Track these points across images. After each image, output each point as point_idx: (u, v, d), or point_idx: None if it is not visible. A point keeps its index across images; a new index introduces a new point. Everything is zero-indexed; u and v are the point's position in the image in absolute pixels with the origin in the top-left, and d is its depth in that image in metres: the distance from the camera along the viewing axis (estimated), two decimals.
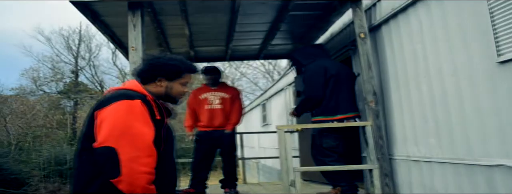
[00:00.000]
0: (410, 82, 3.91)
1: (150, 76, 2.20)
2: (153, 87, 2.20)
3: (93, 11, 4.49)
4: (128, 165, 1.81)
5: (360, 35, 4.37)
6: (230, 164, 5.54)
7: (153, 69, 2.19)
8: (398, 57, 4.13)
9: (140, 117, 1.94)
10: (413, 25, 3.84)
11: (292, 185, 3.95)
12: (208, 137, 5.34)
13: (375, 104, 4.21)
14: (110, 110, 1.93)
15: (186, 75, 2.26)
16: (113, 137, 1.85)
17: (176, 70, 2.21)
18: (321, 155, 4.47)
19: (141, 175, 1.83)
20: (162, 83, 2.20)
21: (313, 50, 4.95)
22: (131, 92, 2.06)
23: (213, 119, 5.34)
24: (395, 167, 4.21)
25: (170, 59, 2.23)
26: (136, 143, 1.86)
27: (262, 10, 4.95)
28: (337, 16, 5.29)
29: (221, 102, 5.38)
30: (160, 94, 2.21)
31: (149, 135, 1.92)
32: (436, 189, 3.53)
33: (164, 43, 6.02)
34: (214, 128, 5.34)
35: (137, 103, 1.96)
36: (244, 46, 6.60)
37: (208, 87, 5.48)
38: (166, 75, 2.20)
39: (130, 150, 1.83)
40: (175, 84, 2.24)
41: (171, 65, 2.20)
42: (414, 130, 3.88)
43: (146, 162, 1.86)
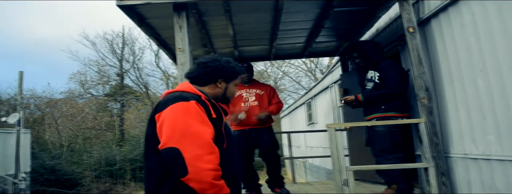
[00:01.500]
0: (464, 77, 3.75)
1: (210, 79, 2.30)
2: (211, 88, 2.31)
3: (139, 14, 4.55)
4: (193, 163, 1.88)
5: (409, 29, 4.24)
6: (274, 163, 5.33)
7: (215, 72, 2.29)
8: (451, 51, 3.97)
9: (197, 117, 2.01)
10: (465, 18, 3.68)
11: (345, 184, 3.87)
12: (245, 136, 5.20)
13: (428, 100, 4.06)
14: (168, 112, 2.02)
15: (239, 77, 2.41)
16: (175, 137, 1.93)
17: (234, 72, 2.35)
18: (388, 152, 4.39)
19: (206, 172, 1.89)
20: (222, 85, 2.33)
21: (378, 48, 4.92)
22: (185, 94, 2.14)
23: (250, 116, 5.18)
24: (451, 165, 4.05)
25: (228, 62, 2.34)
26: (197, 142, 1.93)
27: (306, 7, 4.89)
28: (383, 11, 5.17)
29: (256, 98, 5.29)
30: (217, 95, 2.33)
31: (208, 132, 1.99)
32: (498, 189, 3.37)
33: (208, 44, 6.05)
34: (251, 126, 5.20)
35: (192, 104, 2.04)
36: (288, 44, 6.55)
37: (241, 84, 5.35)
38: (226, 77, 2.32)
39: (192, 149, 1.91)
40: (231, 86, 2.38)
41: (231, 68, 2.33)
42: (471, 126, 3.71)
43: (209, 159, 1.92)
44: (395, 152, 4.39)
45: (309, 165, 15.73)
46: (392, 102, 4.46)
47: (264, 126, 5.25)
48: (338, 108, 9.57)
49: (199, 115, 2.03)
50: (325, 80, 11.13)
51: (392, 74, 4.47)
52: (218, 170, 1.95)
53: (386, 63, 4.61)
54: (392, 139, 4.40)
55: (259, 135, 5.21)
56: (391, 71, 4.50)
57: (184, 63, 4.03)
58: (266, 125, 5.29)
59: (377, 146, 4.49)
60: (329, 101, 10.68)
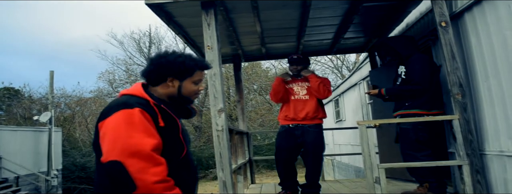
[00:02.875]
0: (500, 72, 3.64)
1: (159, 77, 2.10)
2: (164, 88, 2.11)
3: (167, 12, 4.57)
4: (139, 177, 1.77)
5: (441, 24, 4.13)
6: (313, 167, 4.98)
7: (161, 69, 2.09)
8: (485, 45, 3.86)
9: (140, 127, 1.86)
10: (500, 11, 3.57)
11: (377, 182, 3.81)
12: (289, 133, 5.00)
13: (462, 97, 3.96)
14: (110, 121, 1.87)
15: (197, 73, 2.15)
16: (116, 150, 1.79)
17: (186, 68, 2.09)
18: (414, 149, 4.31)
19: (154, 185, 1.78)
20: (173, 83, 2.11)
21: (410, 42, 4.76)
22: (132, 99, 1.98)
23: (299, 110, 4.99)
24: (487, 163, 3.94)
25: (178, 57, 2.11)
26: (139, 154, 1.79)
27: (334, 3, 4.82)
28: (414, 5, 5.07)
29: (308, 92, 5.05)
30: (173, 95, 2.12)
31: (151, 144, 1.84)
32: None
33: (236, 41, 6.04)
34: (298, 121, 4.97)
35: (136, 112, 1.88)
36: (316, 41, 6.49)
37: (294, 78, 5.22)
38: (176, 75, 2.09)
39: (135, 162, 1.78)
40: (187, 83, 2.13)
41: (179, 63, 2.08)
42: (507, 123, 3.60)
43: (156, 171, 1.80)
44: (421, 149, 4.29)
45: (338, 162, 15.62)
46: (416, 99, 4.36)
47: (311, 122, 4.99)
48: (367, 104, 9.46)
49: (142, 125, 1.87)
50: (353, 77, 11.02)
51: (417, 70, 4.38)
52: (167, 181, 1.83)
53: (413, 58, 4.50)
54: (417, 136, 4.30)
55: (304, 133, 4.96)
56: (416, 67, 4.40)
57: (213, 61, 4.02)
58: (314, 121, 5.02)
59: (404, 145, 4.42)
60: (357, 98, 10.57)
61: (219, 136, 3.92)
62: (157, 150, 1.86)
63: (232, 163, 4.48)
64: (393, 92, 4.55)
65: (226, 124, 3.96)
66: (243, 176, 6.01)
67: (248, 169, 6.72)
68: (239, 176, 5.41)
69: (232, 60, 7.31)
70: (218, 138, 3.91)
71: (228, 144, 3.94)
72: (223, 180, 3.85)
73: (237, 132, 6.03)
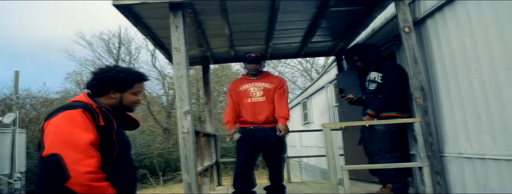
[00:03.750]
0: (460, 77, 3.77)
1: (101, 90, 2.35)
2: (107, 99, 2.37)
3: (135, 13, 4.54)
4: (72, 168, 1.95)
5: (405, 29, 4.25)
6: (276, 169, 4.89)
7: (104, 84, 2.34)
8: (446, 51, 3.99)
9: (80, 124, 2.08)
10: (460, 18, 3.70)
11: (340, 184, 3.88)
12: (250, 136, 4.82)
13: (423, 100, 4.08)
14: (54, 120, 2.10)
15: (136, 85, 2.43)
16: (57, 144, 2.00)
17: (126, 82, 2.37)
18: (386, 151, 4.41)
19: (85, 175, 1.96)
20: (115, 95, 2.37)
21: (378, 49, 4.95)
22: (76, 103, 2.22)
23: (258, 113, 4.79)
24: (446, 165, 4.07)
25: (118, 72, 2.36)
26: (77, 147, 2.00)
27: (303, 7, 4.89)
28: (379, 11, 5.17)
29: (264, 93, 4.84)
30: (115, 105, 2.39)
31: (88, 138, 2.04)
32: (492, 188, 3.39)
33: (205, 44, 6.04)
34: (257, 125, 4.80)
35: (77, 112, 2.11)
36: (284, 44, 6.55)
37: (249, 78, 5.00)
38: (117, 88, 2.35)
39: (72, 154, 1.98)
40: (127, 95, 2.40)
41: (120, 79, 2.35)
42: (466, 126, 3.73)
43: (88, 163, 1.99)
44: (393, 151, 4.41)
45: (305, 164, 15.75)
46: (393, 102, 4.48)
47: (271, 124, 4.81)
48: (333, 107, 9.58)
49: (83, 122, 2.09)
50: (321, 80, 11.15)
51: (393, 76, 4.51)
52: (97, 173, 2.01)
53: (389, 64, 4.67)
54: (391, 138, 4.43)
55: (265, 135, 4.79)
56: (393, 73, 4.53)
57: (180, 63, 4.02)
58: (273, 123, 4.82)
59: (376, 146, 4.51)
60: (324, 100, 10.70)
61: (185, 138, 3.91)
62: (93, 144, 2.06)
63: (198, 165, 4.49)
64: (379, 109, 4.53)
65: (192, 126, 3.96)
66: (209, 178, 6.02)
67: (215, 171, 6.72)
68: (205, 178, 5.41)
69: (201, 63, 7.30)
70: (184, 140, 3.91)
71: (193, 146, 3.94)
72: (188, 182, 3.84)
73: (204, 134, 6.03)
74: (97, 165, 2.02)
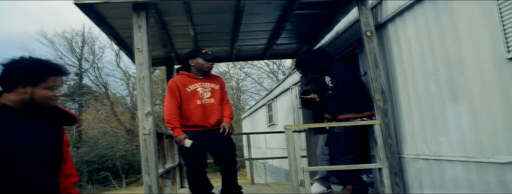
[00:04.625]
0: (418, 80, 3.87)
1: (11, 84, 2.06)
2: (16, 95, 2.07)
3: (98, 13, 4.47)
4: None
5: (367, 33, 4.34)
6: (231, 171, 4.68)
7: (12, 76, 2.05)
8: (406, 55, 4.09)
9: None
10: (419, 23, 3.80)
11: (301, 185, 3.92)
12: (200, 138, 4.50)
13: (383, 102, 4.17)
14: None
15: (51, 79, 2.10)
16: None
17: (36, 74, 2.06)
18: (342, 153, 4.45)
19: None
20: (25, 90, 2.06)
21: (323, 53, 5.00)
22: None
23: (208, 116, 4.54)
24: (404, 166, 4.17)
25: (29, 63, 2.07)
26: None
27: (267, 9, 4.92)
28: (342, 14, 5.25)
29: (212, 94, 4.60)
30: (26, 101, 2.09)
31: None
32: (447, 188, 3.49)
33: (169, 44, 6.00)
34: (209, 128, 4.55)
35: None
36: (249, 46, 6.57)
37: (195, 76, 4.66)
38: (26, 81, 2.05)
39: None
40: (39, 89, 2.08)
41: (30, 70, 2.04)
42: (423, 128, 3.84)
43: None
44: (348, 153, 4.45)
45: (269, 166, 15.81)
46: (347, 104, 4.52)
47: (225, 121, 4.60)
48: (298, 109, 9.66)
49: None
50: (286, 82, 11.22)
51: (339, 79, 4.57)
52: None
53: (333, 68, 4.71)
54: (347, 140, 4.47)
55: (216, 137, 4.55)
56: (338, 76, 4.60)
57: (142, 64, 3.98)
58: None
59: (332, 148, 4.57)
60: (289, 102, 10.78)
61: (146, 139, 3.88)
62: None
63: (160, 167, 4.44)
64: (335, 112, 4.55)
65: (153, 128, 3.93)
66: (171, 180, 5.97)
67: (177, 173, 6.67)
68: (166, 180, 5.36)
69: (165, 63, 7.25)
70: (145, 141, 3.87)
71: (155, 148, 3.90)
72: (149, 185, 3.81)
73: (167, 136, 5.98)
74: None
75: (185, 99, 4.55)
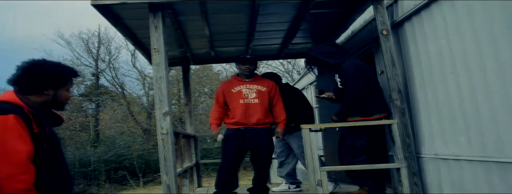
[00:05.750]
0: (436, 79, 3.83)
1: (33, 87, 2.11)
2: (37, 97, 2.13)
3: (115, 14, 4.51)
4: (5, 184, 1.81)
5: (383, 32, 4.31)
6: (263, 170, 4.93)
7: (39, 79, 2.11)
8: (423, 53, 4.05)
9: (14, 133, 1.89)
10: (437, 21, 3.76)
11: (319, 184, 3.91)
12: (240, 136, 4.80)
13: (400, 102, 4.13)
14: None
15: (70, 81, 2.23)
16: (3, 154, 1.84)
17: (62, 77, 2.16)
18: (349, 155, 4.38)
19: (18, 192, 1.82)
20: (49, 92, 2.14)
21: (335, 49, 4.67)
22: (6, 106, 1.99)
23: (250, 115, 4.81)
24: (423, 166, 4.13)
25: (53, 67, 2.15)
26: (11, 160, 1.84)
27: (282, 9, 4.91)
28: (358, 13, 5.23)
29: (257, 95, 4.88)
30: (47, 103, 2.16)
31: (24, 151, 1.88)
32: (466, 188, 3.45)
33: (185, 44, 6.02)
34: (249, 126, 4.80)
35: (10, 118, 1.91)
36: (264, 46, 6.57)
37: (241, 79, 5.01)
38: (52, 84, 2.14)
39: (6, 168, 1.82)
40: (62, 92, 2.19)
41: (56, 74, 2.14)
42: (442, 127, 3.80)
43: (22, 179, 1.84)
44: (356, 156, 4.33)
45: None
46: (356, 107, 4.37)
47: (262, 126, 4.85)
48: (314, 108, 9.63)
49: (17, 131, 1.90)
50: (301, 82, 11.19)
51: (350, 79, 4.33)
52: (30, 190, 1.86)
53: (345, 65, 4.42)
54: (353, 143, 4.36)
55: (255, 135, 4.81)
56: (349, 76, 4.35)
57: (159, 64, 4.01)
58: (264, 125, 4.89)
59: (340, 150, 4.53)
60: None
61: (164, 139, 3.90)
62: (30, 157, 1.89)
63: (177, 166, 4.47)
64: (344, 114, 4.43)
65: (171, 127, 3.95)
66: (189, 179, 6.00)
67: (194, 173, 6.70)
68: (184, 180, 5.39)
69: (181, 63, 7.28)
70: (163, 141, 3.89)
71: (172, 148, 3.93)
72: (167, 184, 3.83)
73: (184, 135, 6.01)
74: (31, 181, 1.87)
75: (230, 99, 4.94)
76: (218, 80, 26.27)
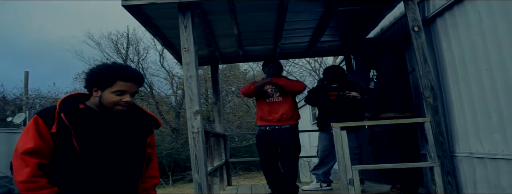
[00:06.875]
0: (470, 76, 3.74)
1: (87, 87, 2.25)
2: (93, 98, 2.24)
3: (144, 14, 4.56)
4: (14, 176, 2.03)
5: (414, 28, 4.23)
6: (290, 169, 5.11)
7: (88, 80, 2.23)
8: (456, 50, 3.96)
9: (29, 131, 2.07)
10: (470, 17, 3.67)
11: (351, 183, 3.87)
12: (266, 136, 5.11)
13: (433, 100, 4.05)
14: None
15: (117, 83, 2.17)
16: (14, 151, 2.07)
17: (104, 78, 2.17)
18: (385, 152, 4.38)
19: (19, 184, 2.01)
20: (97, 93, 2.21)
21: (384, 45, 4.82)
22: (46, 107, 2.19)
23: (272, 112, 5.09)
24: (457, 165, 4.04)
25: (99, 68, 2.21)
26: (17, 156, 2.04)
27: (311, 7, 4.89)
28: (388, 10, 5.16)
29: (280, 93, 5.15)
30: (99, 104, 2.23)
31: (26, 148, 2.03)
32: (503, 188, 3.36)
33: (213, 44, 6.05)
34: (273, 123, 5.07)
35: (33, 119, 2.11)
36: (292, 44, 6.55)
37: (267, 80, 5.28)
38: (97, 85, 2.19)
39: (15, 163, 2.04)
40: (107, 93, 2.18)
41: (98, 74, 2.18)
42: (476, 125, 3.70)
43: (23, 172, 2.01)
44: (392, 152, 4.37)
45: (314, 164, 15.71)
46: (388, 103, 4.43)
47: (286, 123, 5.10)
48: None
49: (32, 131, 2.07)
50: None
51: (385, 75, 4.44)
52: (30, 182, 2.00)
53: (383, 63, 4.56)
54: (389, 140, 4.38)
55: (280, 134, 5.06)
56: (385, 72, 4.46)
57: (189, 63, 4.03)
58: (289, 122, 5.13)
59: (375, 147, 4.50)
60: None
61: (195, 138, 3.93)
62: (30, 153, 2.03)
63: (208, 165, 4.50)
64: (375, 110, 4.50)
65: (201, 126, 3.97)
66: (219, 178, 6.03)
67: (224, 171, 6.73)
68: (214, 178, 5.42)
69: (209, 62, 7.32)
70: (194, 140, 3.92)
71: (203, 146, 3.95)
72: (199, 182, 3.86)
73: (214, 134, 6.04)
74: (31, 174, 2.01)
75: (258, 98, 5.28)
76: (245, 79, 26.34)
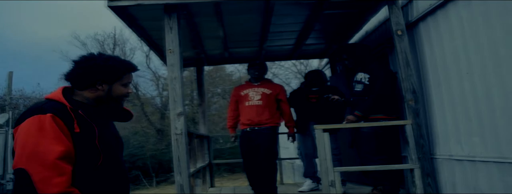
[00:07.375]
0: (451, 80, 3.81)
1: (87, 81, 2.02)
2: (92, 92, 2.04)
3: (130, 15, 4.55)
4: (41, 187, 1.72)
5: (397, 32, 4.29)
6: (266, 173, 5.04)
7: (90, 74, 2.01)
8: (438, 54, 4.03)
9: (50, 133, 1.79)
10: (453, 21, 3.74)
11: (332, 185, 3.91)
12: (246, 137, 5.19)
13: (414, 102, 4.12)
14: (23, 127, 1.82)
15: (126, 75, 2.10)
16: (24, 157, 1.75)
17: (116, 71, 2.04)
18: (372, 153, 4.44)
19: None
20: (103, 87, 2.03)
21: (369, 51, 4.94)
22: (48, 104, 1.90)
23: (253, 115, 5.11)
24: (437, 167, 4.11)
25: (107, 60, 2.04)
26: (45, 162, 1.74)
27: (296, 10, 4.92)
28: (372, 14, 5.22)
29: (262, 98, 5.19)
30: (101, 99, 2.06)
31: (57, 151, 1.77)
32: (481, 190, 3.43)
33: (199, 45, 6.06)
34: (252, 126, 5.12)
35: (47, 118, 1.81)
36: (277, 46, 6.58)
37: (251, 83, 5.40)
38: (106, 79, 2.03)
39: (40, 170, 1.73)
40: (116, 86, 2.07)
41: (110, 67, 2.02)
42: (456, 128, 3.77)
43: (57, 182, 1.73)
44: (379, 154, 4.43)
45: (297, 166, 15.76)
46: (380, 104, 4.49)
47: (264, 125, 5.11)
48: None
49: (53, 131, 1.80)
50: None
51: (382, 77, 4.51)
52: (68, 193, 1.75)
53: (376, 65, 4.66)
54: (377, 141, 4.44)
55: (257, 136, 5.09)
56: (381, 74, 4.53)
57: (174, 65, 4.03)
58: (267, 124, 5.13)
59: (363, 148, 4.54)
60: None
61: (178, 139, 3.93)
62: (64, 158, 1.79)
63: (191, 166, 4.50)
64: (367, 109, 4.51)
65: (185, 128, 3.98)
66: (201, 179, 6.03)
67: (207, 173, 6.73)
68: (197, 180, 5.43)
69: (195, 64, 7.32)
70: (177, 141, 3.92)
71: (186, 148, 3.95)
72: (181, 184, 3.86)
73: (197, 135, 6.04)
74: (67, 184, 1.76)
75: (240, 101, 5.36)
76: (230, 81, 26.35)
